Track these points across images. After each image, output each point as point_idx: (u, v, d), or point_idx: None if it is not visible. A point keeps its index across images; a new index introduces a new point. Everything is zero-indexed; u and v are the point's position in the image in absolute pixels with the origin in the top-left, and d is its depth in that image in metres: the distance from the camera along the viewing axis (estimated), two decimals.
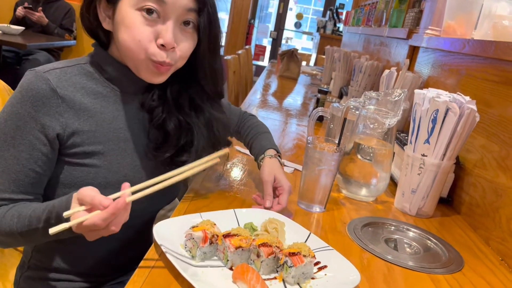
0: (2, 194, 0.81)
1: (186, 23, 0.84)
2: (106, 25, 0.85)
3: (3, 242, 0.86)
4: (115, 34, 0.85)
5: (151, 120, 0.92)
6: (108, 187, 0.83)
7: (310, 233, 0.85)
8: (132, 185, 0.73)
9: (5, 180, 0.81)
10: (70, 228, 0.68)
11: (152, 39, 0.81)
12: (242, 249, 0.75)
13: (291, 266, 0.71)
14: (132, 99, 0.91)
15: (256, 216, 0.89)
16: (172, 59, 0.84)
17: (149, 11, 0.80)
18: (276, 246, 0.75)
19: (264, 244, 0.74)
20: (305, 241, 0.83)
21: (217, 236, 0.77)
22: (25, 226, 0.78)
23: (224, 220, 0.86)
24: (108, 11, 0.84)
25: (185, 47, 0.85)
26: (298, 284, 0.73)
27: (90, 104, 0.85)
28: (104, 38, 0.89)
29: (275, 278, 0.73)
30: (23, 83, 0.81)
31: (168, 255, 0.70)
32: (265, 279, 0.72)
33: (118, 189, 0.81)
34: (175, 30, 0.82)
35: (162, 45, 0.81)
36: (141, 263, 0.73)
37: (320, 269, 0.76)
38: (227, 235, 0.76)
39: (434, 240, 0.98)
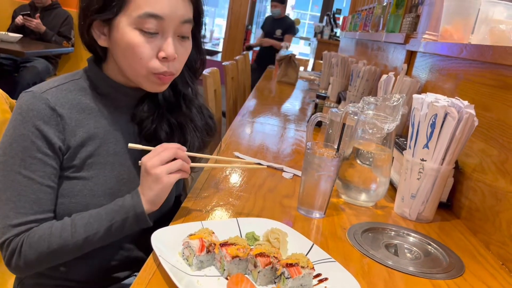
0: (27, 217, 0.81)
1: (183, 37, 0.86)
2: (102, 42, 0.86)
3: (47, 261, 0.84)
4: (112, 51, 0.87)
5: (140, 132, 0.93)
6: (94, 198, 0.87)
7: (313, 244, 0.84)
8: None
9: (25, 203, 0.81)
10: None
11: (153, 55, 0.83)
12: (240, 259, 0.74)
13: (288, 277, 0.70)
14: (124, 113, 0.93)
15: (258, 225, 0.88)
16: (174, 68, 0.86)
17: (149, 30, 0.81)
18: (274, 256, 0.73)
19: (261, 254, 0.73)
20: (308, 252, 0.81)
21: (215, 244, 0.76)
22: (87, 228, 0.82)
23: (226, 228, 0.85)
24: (103, 29, 0.85)
25: (183, 56, 0.89)
26: None
27: (84, 120, 0.87)
28: (101, 53, 0.90)
29: None
30: (21, 105, 0.83)
31: (163, 264, 0.69)
32: None
33: (103, 199, 0.87)
34: (175, 41, 0.84)
35: (164, 58, 0.83)
36: (141, 271, 0.73)
37: (320, 281, 0.75)
38: (224, 244, 0.75)
39: (435, 245, 0.98)
